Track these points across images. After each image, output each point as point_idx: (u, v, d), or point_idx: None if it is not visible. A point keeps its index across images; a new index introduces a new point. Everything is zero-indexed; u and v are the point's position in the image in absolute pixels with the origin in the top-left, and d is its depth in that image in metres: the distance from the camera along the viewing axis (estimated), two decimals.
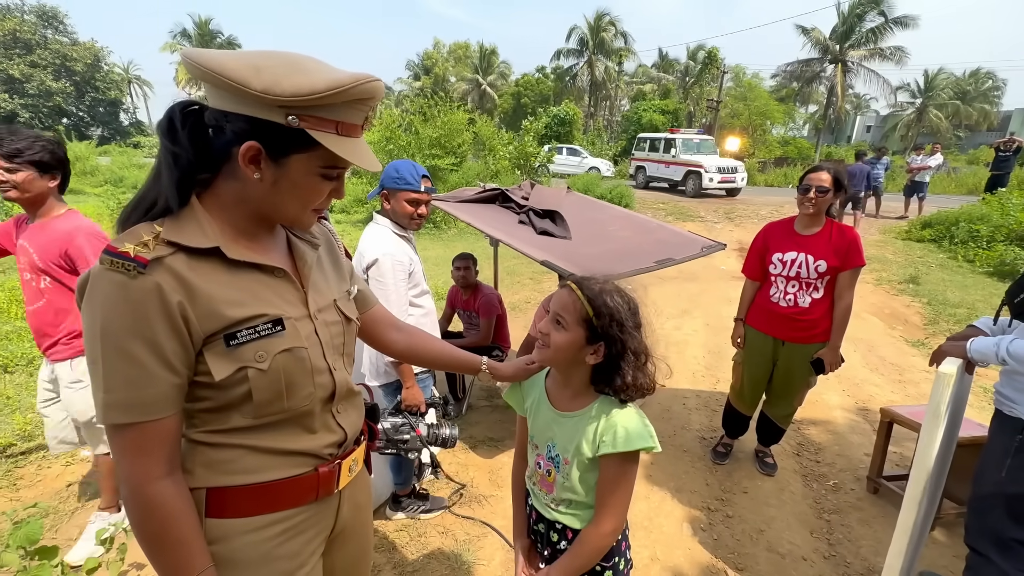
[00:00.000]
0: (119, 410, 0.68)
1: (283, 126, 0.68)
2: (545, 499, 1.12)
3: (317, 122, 0.69)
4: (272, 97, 0.65)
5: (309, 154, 0.72)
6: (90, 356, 0.68)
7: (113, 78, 37.54)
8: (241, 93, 0.66)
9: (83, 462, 2.56)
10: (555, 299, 1.03)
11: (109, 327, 0.66)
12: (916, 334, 4.76)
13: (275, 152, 0.71)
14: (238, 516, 0.79)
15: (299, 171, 0.74)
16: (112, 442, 0.71)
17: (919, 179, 9.99)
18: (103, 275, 0.66)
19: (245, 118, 0.69)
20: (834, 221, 2.31)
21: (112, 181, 14.80)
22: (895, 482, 2.42)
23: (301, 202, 0.77)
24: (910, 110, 36.30)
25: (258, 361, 0.75)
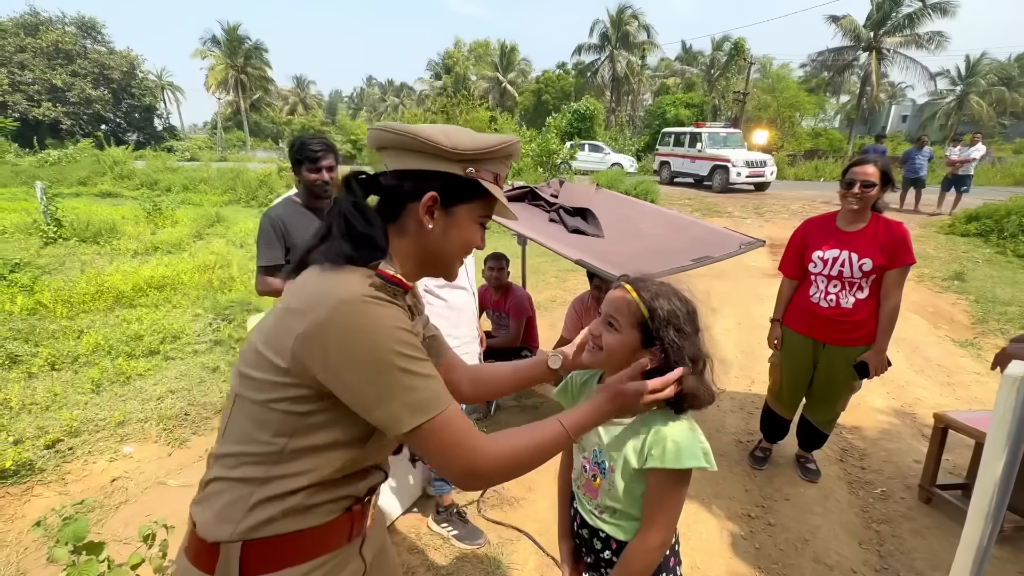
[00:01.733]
0: (427, 405, 0.72)
1: (458, 178, 0.80)
2: (589, 505, 1.08)
3: (484, 173, 0.82)
4: (458, 152, 0.78)
5: (472, 204, 0.84)
6: (378, 374, 0.70)
7: (148, 85, 38.98)
8: (432, 151, 0.77)
9: (126, 458, 2.64)
10: (608, 299, 0.98)
11: (395, 338, 0.71)
12: (963, 333, 4.52)
13: (447, 201, 0.82)
14: (274, 570, 0.75)
15: (464, 219, 0.84)
16: (436, 440, 0.73)
17: (963, 172, 9.42)
18: (368, 297, 0.72)
19: (427, 173, 0.80)
20: (881, 216, 2.19)
21: (147, 184, 15.37)
22: (950, 491, 2.29)
23: (462, 248, 0.87)
24: (950, 98, 34.70)
25: None
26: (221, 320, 4.32)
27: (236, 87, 39.94)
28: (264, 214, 2.09)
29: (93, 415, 2.97)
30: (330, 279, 0.73)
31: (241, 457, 0.75)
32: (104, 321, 4.48)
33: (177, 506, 2.29)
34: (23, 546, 2.04)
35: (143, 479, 2.49)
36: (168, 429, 2.88)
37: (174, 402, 3.16)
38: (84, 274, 5.65)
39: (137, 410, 3.04)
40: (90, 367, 3.56)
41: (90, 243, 7.69)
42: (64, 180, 15.77)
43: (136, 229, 8.79)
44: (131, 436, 2.81)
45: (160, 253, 7.16)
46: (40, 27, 32.55)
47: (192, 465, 2.62)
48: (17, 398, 3.05)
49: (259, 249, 2.06)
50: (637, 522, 1.00)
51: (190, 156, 27.27)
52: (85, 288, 5.00)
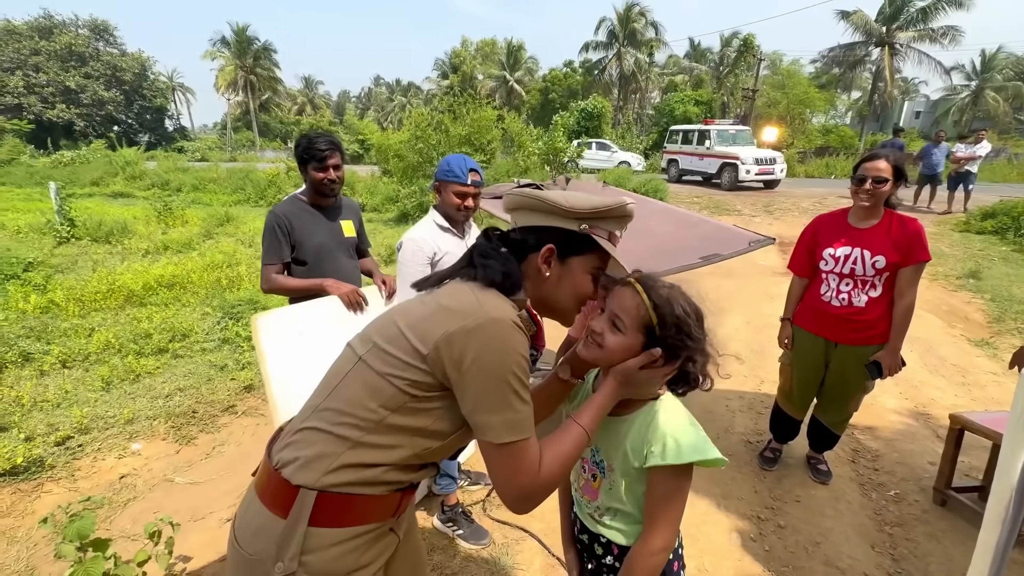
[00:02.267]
0: (523, 427, 0.82)
1: (573, 233, 0.91)
2: (588, 508, 1.05)
3: (598, 231, 0.92)
4: (574, 211, 0.89)
5: (585, 256, 0.94)
6: (501, 389, 0.81)
7: (159, 86, 39.44)
8: (553, 211, 0.91)
9: (135, 455, 2.66)
10: (614, 297, 0.95)
11: (520, 365, 0.82)
12: (979, 332, 4.43)
13: (563, 253, 0.93)
14: (340, 524, 0.84)
15: (577, 269, 0.94)
16: (511, 460, 0.82)
17: (969, 168, 9.19)
18: (514, 327, 0.83)
19: (548, 228, 0.92)
20: (894, 212, 2.14)
21: (158, 184, 15.53)
22: (966, 494, 2.24)
23: (575, 295, 0.96)
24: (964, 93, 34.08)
25: None
26: (229, 319, 4.35)
27: (245, 88, 40.26)
28: (270, 212, 2.08)
29: (103, 412, 2.99)
30: (486, 296, 0.86)
31: (345, 415, 0.83)
32: (115, 319, 4.53)
33: (184, 503, 2.30)
34: (33, 542, 2.07)
35: (151, 476, 2.50)
36: (176, 427, 2.90)
37: (182, 400, 3.18)
38: (96, 273, 5.71)
39: (146, 408, 3.07)
40: (100, 365, 3.60)
41: (102, 243, 7.78)
42: (77, 181, 16.00)
43: (147, 229, 8.88)
44: (140, 433, 2.83)
45: (170, 252, 7.23)
46: (54, 30, 33.04)
47: (200, 462, 2.63)
48: (29, 395, 3.08)
49: (264, 246, 2.06)
50: (639, 525, 0.97)
51: (200, 156, 27.56)
52: (96, 287, 5.06)
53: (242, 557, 0.84)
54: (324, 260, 2.12)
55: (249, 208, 12.42)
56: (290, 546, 0.80)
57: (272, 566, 0.80)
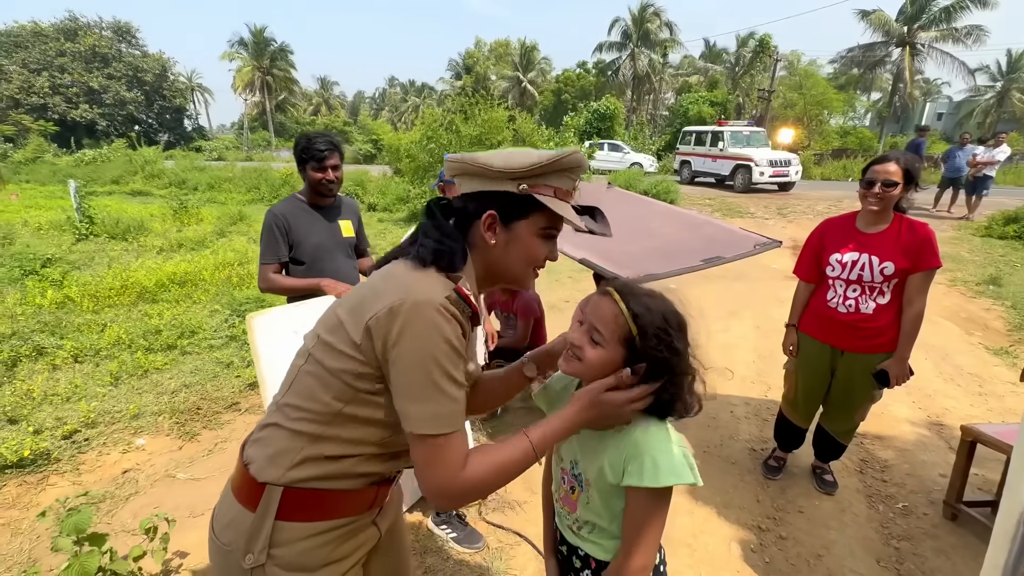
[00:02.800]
0: (448, 420, 0.78)
1: (514, 195, 0.85)
2: (568, 519, 1.01)
3: (537, 188, 0.85)
4: (509, 171, 0.83)
5: (532, 218, 0.88)
6: (424, 376, 0.77)
7: (178, 87, 40.21)
8: (488, 174, 0.85)
9: (139, 450, 2.70)
10: (592, 308, 0.90)
11: (447, 353, 0.78)
12: (998, 341, 4.29)
13: (506, 218, 0.87)
14: (308, 519, 0.84)
15: (524, 233, 0.89)
16: (427, 453, 0.79)
17: (988, 173, 8.92)
18: (444, 308, 0.78)
19: (486, 193, 0.86)
20: (904, 217, 2.07)
21: (176, 183, 15.83)
22: (978, 508, 2.16)
23: (526, 261, 0.91)
24: (989, 94, 33.23)
25: None
26: (236, 316, 4.39)
27: (262, 88, 40.86)
28: (268, 211, 2.09)
29: (110, 407, 3.04)
30: (415, 277, 0.81)
31: (301, 411, 0.83)
32: (127, 315, 4.61)
33: (183, 499, 2.32)
34: (36, 534, 2.10)
35: (153, 471, 2.53)
36: (180, 423, 2.93)
37: (187, 396, 3.22)
38: (111, 270, 5.83)
39: (152, 403, 3.11)
40: (110, 360, 3.66)
41: (119, 240, 7.94)
42: (98, 179, 16.38)
43: (163, 226, 9.05)
44: (145, 428, 2.87)
45: (184, 250, 7.34)
46: (79, 32, 33.89)
47: (201, 459, 2.66)
48: (40, 389, 3.15)
49: (262, 246, 2.07)
50: (617, 540, 0.93)
51: (217, 156, 28.02)
52: (111, 283, 5.16)
53: (216, 546, 0.87)
54: (322, 260, 2.12)
55: (262, 207, 12.57)
56: (259, 539, 0.82)
57: (243, 557, 0.82)
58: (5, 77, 31.02)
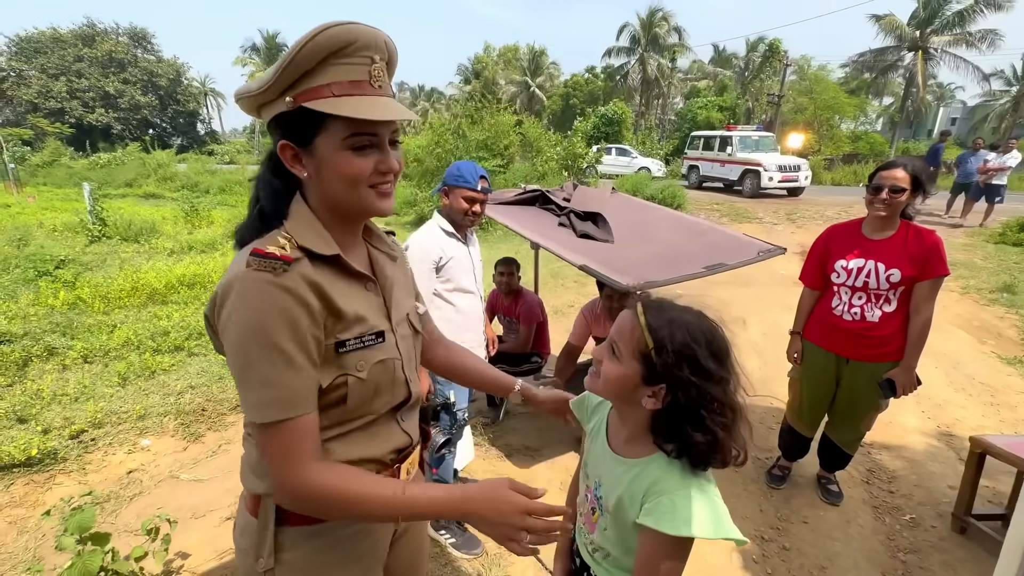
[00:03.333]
0: (275, 407, 0.69)
1: (293, 114, 0.70)
2: (585, 538, 0.98)
3: (310, 93, 0.69)
4: (265, 89, 0.70)
5: (326, 132, 0.72)
6: (241, 359, 0.69)
7: (192, 91, 40.81)
8: (256, 99, 0.73)
9: (144, 451, 2.73)
10: (616, 321, 0.86)
11: (263, 326, 0.68)
12: (1012, 350, 4.21)
13: (301, 141, 0.74)
14: (306, 523, 0.80)
15: (327, 150, 0.73)
16: (263, 442, 0.72)
17: (998, 181, 8.77)
18: (249, 276, 0.69)
19: (273, 124, 0.75)
20: (911, 224, 2.05)
21: (188, 186, 16.08)
22: (987, 522, 2.12)
23: (347, 182, 0.75)
24: (1004, 99, 32.70)
25: (358, 370, 0.78)
26: None
27: None
28: None
29: (117, 407, 3.08)
30: (238, 254, 0.75)
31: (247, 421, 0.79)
32: (136, 317, 4.67)
33: (186, 500, 2.34)
34: (41, 532, 2.13)
35: (157, 472, 2.56)
36: (185, 424, 2.96)
37: (193, 397, 3.25)
38: (122, 271, 5.92)
39: (158, 404, 3.14)
40: (119, 360, 3.71)
41: (131, 242, 8.07)
42: (112, 182, 16.67)
43: (174, 229, 9.18)
44: (150, 429, 2.90)
45: (194, 252, 7.45)
46: (96, 38, 34.57)
47: (205, 460, 2.68)
48: (49, 389, 3.20)
49: None
50: (629, 574, 0.87)
51: (229, 159, 28.40)
52: (122, 284, 5.24)
53: (238, 549, 0.87)
54: None
55: None
56: (264, 545, 0.81)
57: (255, 562, 0.82)
58: (24, 82, 31.75)
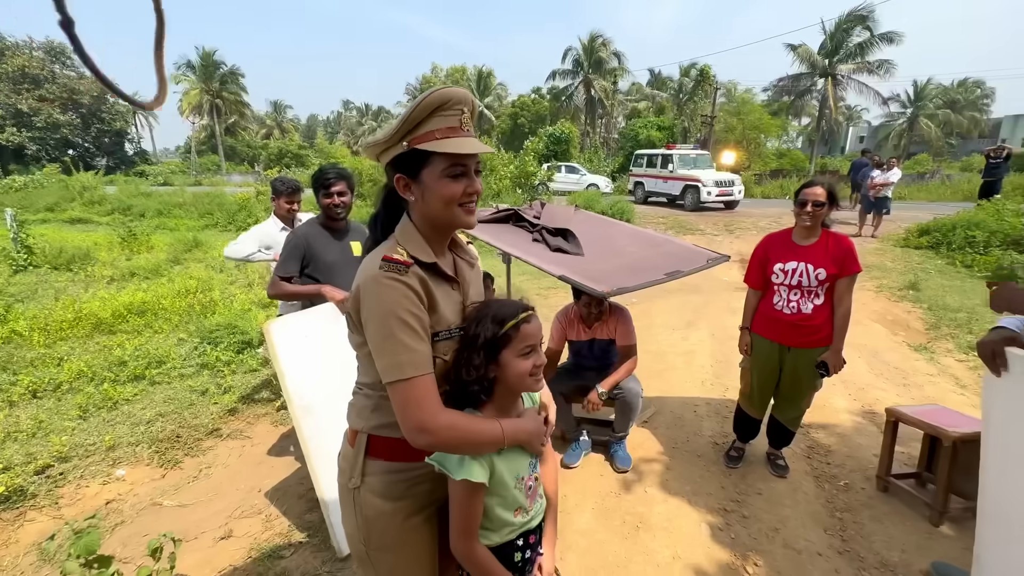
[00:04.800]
0: (412, 366, 0.94)
1: (407, 154, 0.98)
2: (533, 510, 1.13)
3: (421, 139, 0.96)
4: (390, 138, 0.98)
5: (431, 165, 0.99)
6: (384, 332, 0.94)
7: (119, 109, 38.30)
8: (380, 146, 1.01)
9: (119, 481, 2.65)
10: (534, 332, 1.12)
11: (398, 308, 0.94)
12: (918, 339, 4.85)
13: (411, 174, 1.01)
14: (387, 459, 1.08)
15: (431, 179, 0.99)
16: (400, 396, 0.95)
17: (885, 194, 9.73)
18: (382, 275, 0.95)
19: (390, 162, 1.03)
20: (829, 231, 2.44)
21: (120, 209, 15.08)
22: (904, 480, 2.51)
23: (444, 201, 1.00)
24: (901, 120, 36.93)
25: (445, 354, 1.05)
26: (207, 344, 4.33)
27: (211, 111, 39.68)
28: (291, 232, 2.45)
29: (82, 440, 2.96)
30: (366, 260, 1.03)
31: (362, 382, 1.09)
32: (84, 348, 4.44)
33: (175, 525, 2.32)
34: (20, 570, 2.05)
35: (137, 500, 2.51)
36: (160, 451, 2.90)
37: (164, 425, 3.17)
38: (59, 301, 5.57)
39: (127, 434, 3.05)
40: (74, 394, 3.54)
41: (63, 270, 7.55)
42: (30, 206, 15.37)
43: (110, 255, 8.66)
44: (123, 459, 2.82)
45: (137, 279, 7.08)
46: (5, 52, 31.91)
47: (187, 486, 2.65)
48: (0, 426, 3.02)
49: (280, 260, 2.38)
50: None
51: (163, 181, 26.86)
52: (62, 315, 4.95)
53: (339, 468, 1.14)
54: (334, 275, 2.37)
55: (218, 233, 12.21)
56: (356, 468, 1.08)
57: (347, 480, 1.10)
58: None
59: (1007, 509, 1.58)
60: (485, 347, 1.03)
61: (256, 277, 6.88)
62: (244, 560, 2.11)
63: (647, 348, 4.38)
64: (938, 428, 2.28)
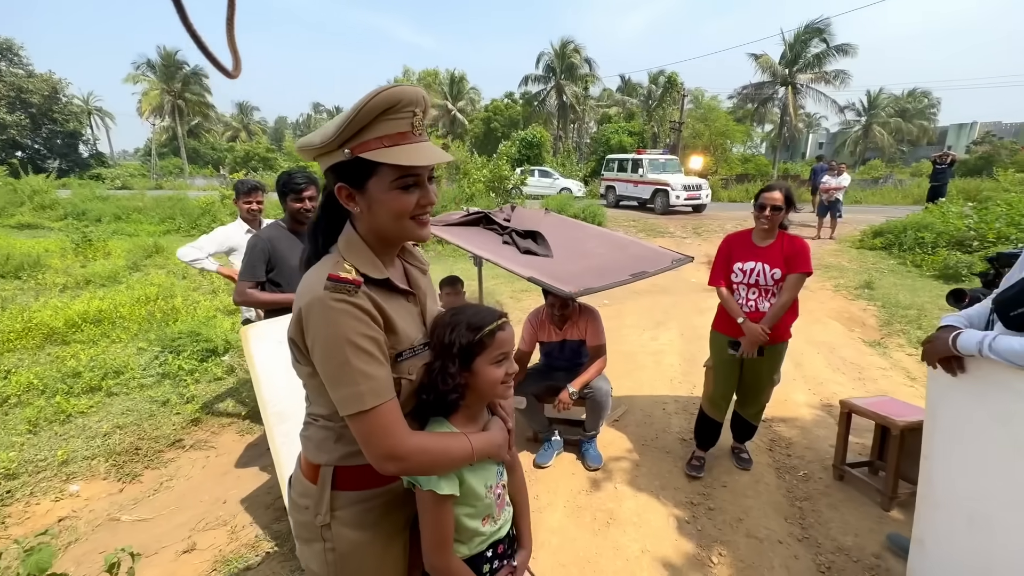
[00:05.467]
0: (372, 395, 0.85)
1: (350, 162, 0.86)
2: (501, 518, 1.12)
3: (364, 145, 0.85)
4: (326, 144, 0.86)
5: (377, 175, 0.88)
6: (338, 361, 0.84)
7: (72, 110, 36.65)
8: (316, 151, 0.89)
9: (73, 497, 2.53)
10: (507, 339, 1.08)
11: (350, 334, 0.84)
12: (873, 335, 5.10)
13: (355, 184, 0.89)
14: (358, 489, 1.00)
15: (378, 190, 0.88)
16: (363, 427, 0.86)
17: (835, 199, 10.17)
18: (329, 297, 0.84)
19: (330, 169, 0.91)
20: (785, 233, 2.54)
21: (74, 214, 14.37)
22: (858, 469, 2.64)
23: (394, 215, 0.90)
24: (857, 127, 38.76)
25: (410, 374, 0.97)
26: (169, 352, 4.18)
27: (173, 113, 38.29)
28: (255, 235, 2.36)
29: (31, 456, 2.82)
30: (307, 277, 0.91)
31: (316, 413, 0.99)
32: (34, 359, 4.23)
33: (134, 540, 2.23)
34: None
35: (93, 517, 2.40)
36: (118, 464, 2.78)
37: (123, 437, 3.04)
38: (6, 311, 5.28)
39: (82, 448, 2.91)
40: (23, 407, 3.36)
41: (11, 278, 7.16)
42: None
43: (63, 262, 8.25)
44: (77, 474, 2.69)
45: (93, 286, 6.77)
46: None
47: (147, 499, 2.55)
48: None
49: (243, 264, 2.30)
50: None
51: (121, 184, 25.75)
52: (10, 325, 4.69)
53: (296, 506, 1.03)
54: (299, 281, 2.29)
55: (180, 238, 11.79)
56: (323, 504, 0.98)
57: (314, 517, 0.99)
58: None
59: (947, 494, 1.69)
60: (460, 354, 1.00)
61: (222, 283, 6.68)
62: (208, 572, 2.05)
63: (617, 348, 4.46)
64: (887, 418, 2.41)
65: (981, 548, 1.58)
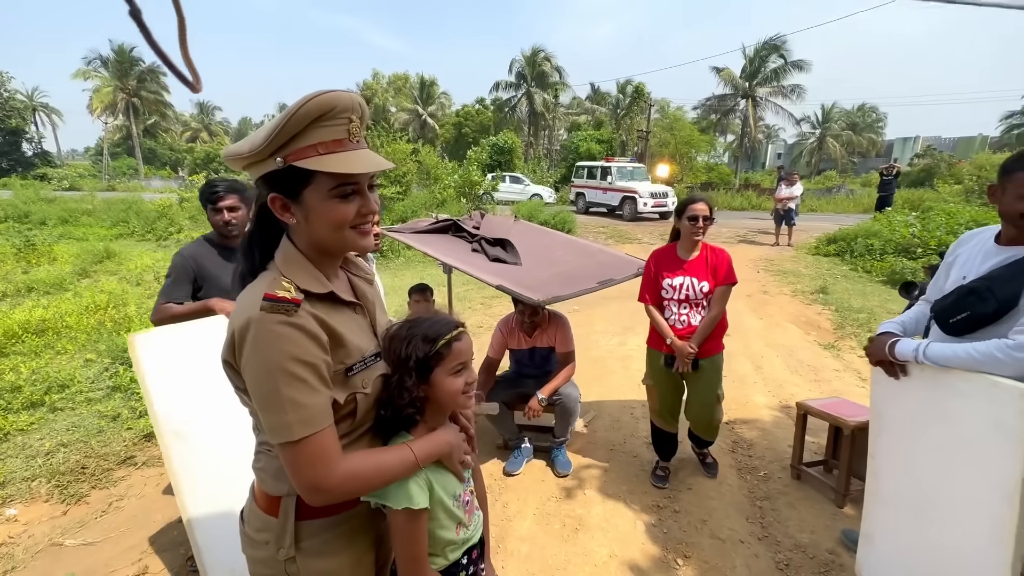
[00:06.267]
0: (303, 424, 0.80)
1: (283, 171, 0.81)
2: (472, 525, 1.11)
3: (298, 153, 0.80)
4: (256, 152, 0.80)
5: (314, 184, 0.83)
6: (269, 388, 0.79)
7: (14, 106, 34.56)
8: (245, 160, 0.83)
9: (10, 521, 2.36)
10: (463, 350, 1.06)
11: (285, 359, 0.79)
12: (827, 338, 5.34)
13: (290, 194, 0.84)
14: (325, 516, 0.94)
15: (315, 200, 0.83)
16: (289, 457, 0.82)
17: (789, 207, 10.56)
18: (265, 318, 0.79)
19: (261, 179, 0.85)
20: (707, 244, 2.55)
21: (16, 217, 13.50)
22: (814, 468, 2.75)
23: (333, 226, 0.85)
24: (812, 139, 40.73)
25: (364, 387, 0.92)
26: (120, 364, 3.97)
27: (127, 111, 36.57)
28: (177, 252, 2.13)
29: None
30: (243, 297, 0.86)
31: (268, 442, 0.90)
32: None
33: (79, 566, 2.10)
34: None
35: (32, 542, 2.24)
36: (61, 485, 2.62)
37: (67, 455, 2.86)
38: None
39: (21, 468, 2.73)
40: None
41: None
42: None
43: (3, 268, 7.74)
44: (15, 497, 2.52)
45: (36, 294, 6.38)
46: None
47: (93, 521, 2.41)
48: None
49: (166, 284, 2.08)
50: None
51: (69, 185, 24.38)
52: None
53: (252, 541, 0.96)
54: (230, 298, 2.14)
55: (134, 243, 11.24)
56: (286, 536, 0.92)
57: (276, 551, 0.92)
58: None
59: (892, 490, 1.79)
60: (417, 367, 0.97)
61: None
62: None
63: (587, 354, 4.52)
64: (839, 418, 2.53)
65: (925, 541, 1.67)
